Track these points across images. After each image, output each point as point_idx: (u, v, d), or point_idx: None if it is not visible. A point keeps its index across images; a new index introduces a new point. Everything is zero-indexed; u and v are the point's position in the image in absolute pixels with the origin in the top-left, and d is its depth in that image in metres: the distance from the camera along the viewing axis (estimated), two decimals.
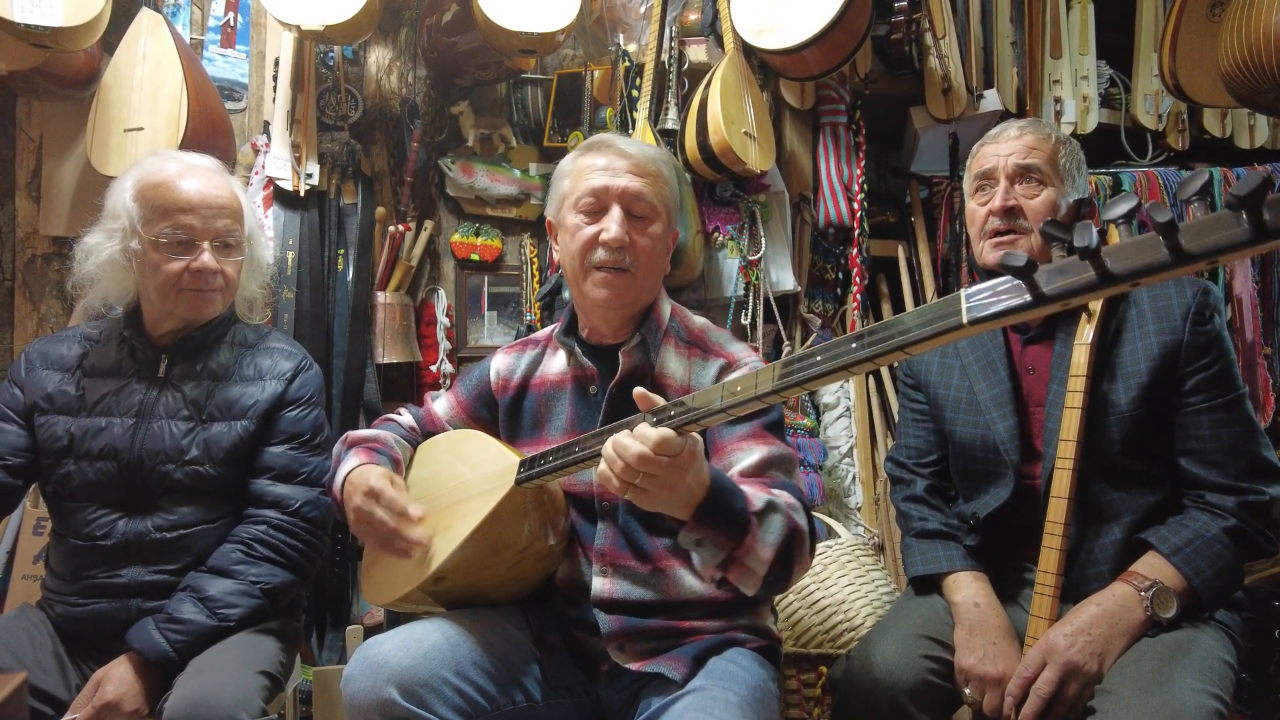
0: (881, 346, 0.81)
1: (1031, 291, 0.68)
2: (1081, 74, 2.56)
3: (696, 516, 1.04)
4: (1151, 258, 0.63)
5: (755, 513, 1.09)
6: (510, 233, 2.44)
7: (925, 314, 0.77)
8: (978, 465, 1.45)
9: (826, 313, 2.40)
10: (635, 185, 1.29)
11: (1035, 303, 0.68)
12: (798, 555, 1.14)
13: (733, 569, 1.08)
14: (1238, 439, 1.28)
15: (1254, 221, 0.59)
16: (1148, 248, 0.63)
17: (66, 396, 1.46)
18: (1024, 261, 0.67)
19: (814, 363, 0.87)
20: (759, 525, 1.08)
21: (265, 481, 1.49)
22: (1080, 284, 0.66)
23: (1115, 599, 1.23)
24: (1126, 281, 0.64)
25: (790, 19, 2.05)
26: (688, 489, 1.02)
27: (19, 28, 1.69)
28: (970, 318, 0.72)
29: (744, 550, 1.07)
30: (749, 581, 1.10)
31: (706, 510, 1.04)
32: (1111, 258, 0.64)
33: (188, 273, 1.43)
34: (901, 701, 1.27)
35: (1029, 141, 1.39)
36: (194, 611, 1.36)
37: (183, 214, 1.42)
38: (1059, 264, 0.67)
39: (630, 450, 0.98)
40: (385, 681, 1.07)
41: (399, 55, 2.39)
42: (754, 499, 1.10)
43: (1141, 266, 0.63)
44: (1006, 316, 0.71)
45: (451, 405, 1.49)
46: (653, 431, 0.98)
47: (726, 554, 1.07)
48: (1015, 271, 0.68)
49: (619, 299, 1.29)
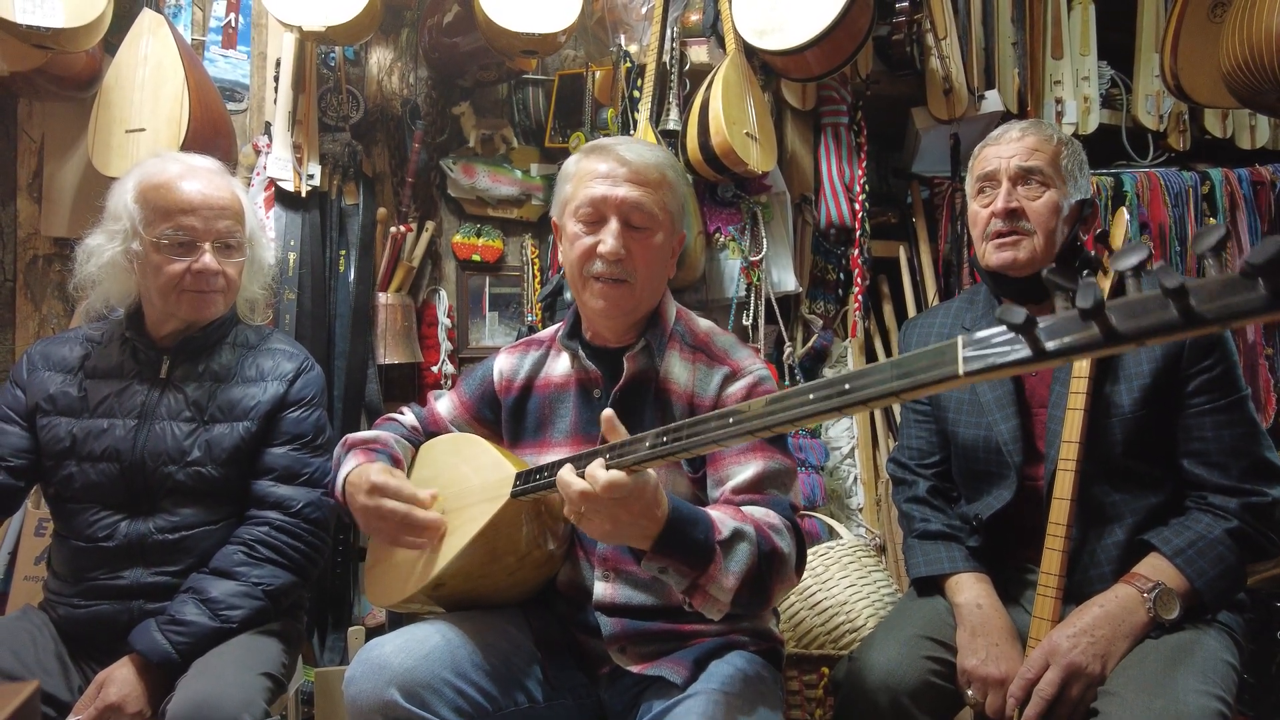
0: (868, 393, 0.77)
1: (1032, 347, 0.66)
2: (1083, 74, 2.56)
3: (655, 547, 1.03)
4: (1160, 319, 0.60)
5: (721, 541, 1.07)
6: (511, 233, 2.44)
7: (921, 360, 0.74)
8: (980, 466, 1.45)
9: (828, 313, 2.40)
10: (634, 195, 1.26)
11: (1035, 358, 0.66)
12: (775, 578, 1.12)
13: (696, 596, 1.07)
14: (1240, 440, 1.28)
15: (1271, 289, 0.57)
16: (1156, 308, 0.61)
17: (69, 398, 1.46)
18: (1023, 319, 0.65)
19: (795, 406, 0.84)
20: (723, 554, 1.07)
21: (267, 483, 1.48)
22: (1083, 342, 0.64)
23: (1118, 600, 1.23)
24: (1132, 341, 0.62)
25: (792, 20, 2.04)
26: (637, 524, 1.02)
27: (21, 29, 1.69)
28: (966, 369, 0.70)
29: (707, 579, 1.05)
30: (713, 607, 1.08)
31: (664, 541, 1.03)
32: (1118, 315, 0.62)
33: (189, 274, 1.43)
34: (904, 703, 1.27)
35: (1031, 143, 1.39)
36: (196, 613, 1.36)
37: (184, 215, 1.42)
38: (1062, 319, 0.65)
39: (572, 489, 1.01)
40: (387, 683, 1.07)
41: (400, 56, 2.39)
42: (721, 527, 1.08)
43: (1148, 327, 0.61)
44: (1004, 370, 0.69)
45: (455, 405, 1.48)
46: (601, 474, 0.99)
47: (689, 581, 1.06)
48: (1016, 328, 0.66)
49: (617, 309, 1.29)
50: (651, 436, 0.98)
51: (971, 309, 1.54)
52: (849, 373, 0.81)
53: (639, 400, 1.30)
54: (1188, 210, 2.47)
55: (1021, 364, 0.67)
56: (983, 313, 1.51)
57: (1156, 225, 2.45)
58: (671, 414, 1.28)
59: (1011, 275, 1.40)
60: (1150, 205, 2.46)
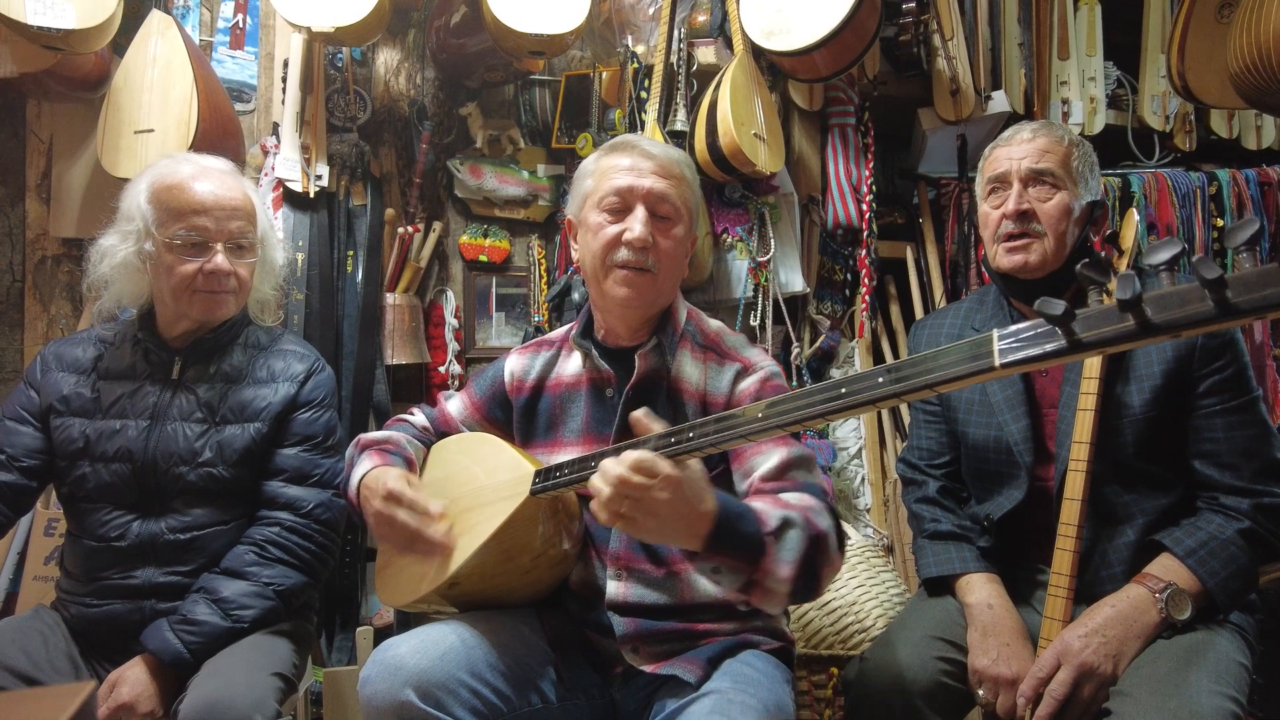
0: (907, 385, 0.79)
1: (1068, 338, 0.67)
2: (1089, 75, 2.56)
3: (707, 545, 1.02)
4: (1197, 310, 0.61)
5: (770, 533, 1.06)
6: (518, 234, 2.44)
7: (953, 353, 0.76)
8: (990, 467, 1.46)
9: (835, 314, 2.40)
10: (660, 186, 1.29)
11: (1071, 349, 0.67)
12: (824, 561, 1.11)
13: (754, 592, 1.06)
14: (1252, 441, 1.28)
15: None
16: (1193, 299, 0.61)
17: (82, 399, 1.47)
18: (1061, 310, 0.65)
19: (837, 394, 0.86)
20: (775, 545, 1.06)
21: (278, 484, 1.49)
22: (1120, 334, 0.64)
23: (1130, 601, 1.23)
24: (1167, 333, 0.63)
25: (799, 21, 2.05)
26: (684, 518, 1.00)
27: (31, 30, 1.70)
28: (1003, 361, 0.71)
29: (762, 573, 1.05)
30: (773, 601, 1.08)
31: (716, 539, 1.01)
32: (1154, 306, 0.63)
33: (201, 274, 1.43)
34: (915, 703, 1.27)
35: (1042, 145, 1.39)
36: (208, 613, 1.36)
37: (196, 216, 1.43)
38: (1099, 311, 0.66)
39: (610, 471, 0.98)
40: (402, 684, 1.07)
41: (407, 57, 2.39)
42: (768, 518, 1.07)
43: (1185, 318, 0.61)
44: (1040, 361, 0.70)
45: (465, 405, 1.49)
46: (632, 453, 0.97)
47: (745, 578, 1.05)
48: (1053, 319, 0.67)
49: (639, 298, 1.29)
50: (694, 428, 0.97)
51: (981, 310, 1.54)
52: (888, 364, 0.82)
53: (651, 399, 1.29)
54: (1195, 211, 2.47)
55: (1057, 355, 0.68)
56: (992, 314, 1.51)
57: (1164, 226, 2.45)
58: (683, 412, 1.29)
59: (1022, 278, 1.40)
60: (1158, 206, 2.46)
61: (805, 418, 0.89)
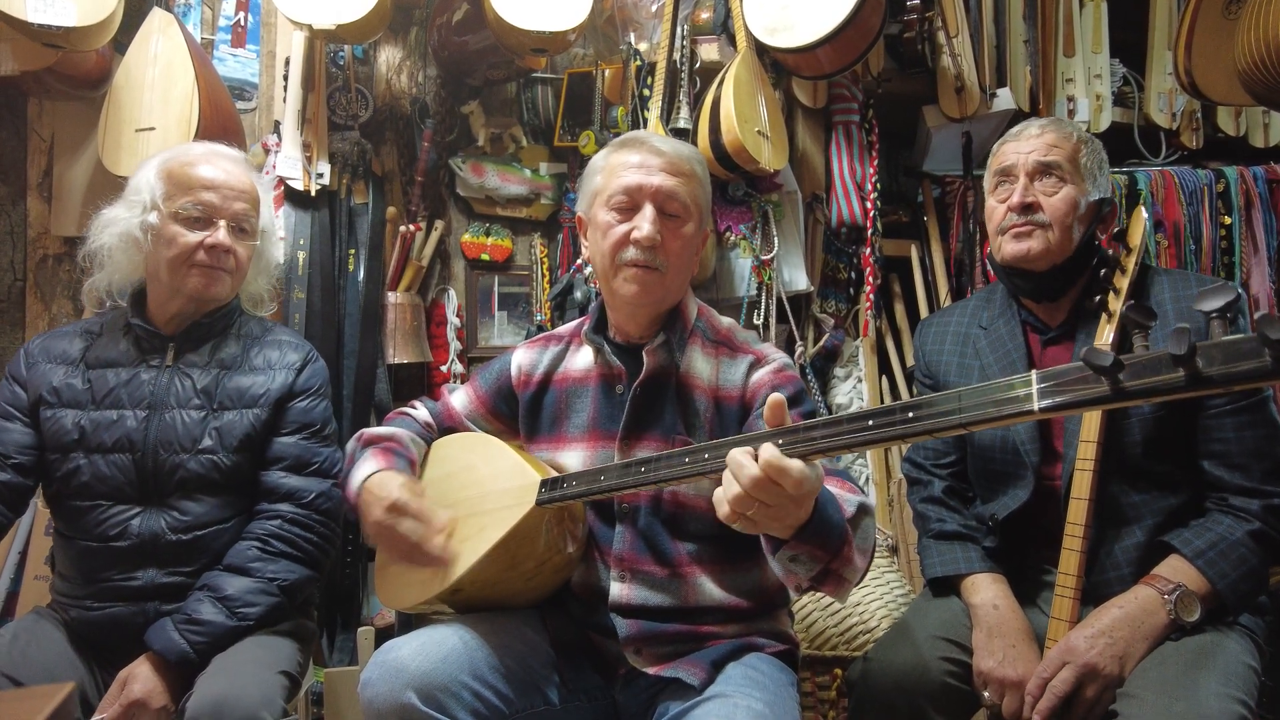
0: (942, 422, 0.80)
1: (1112, 387, 0.66)
2: (1095, 72, 2.54)
3: (799, 534, 0.95)
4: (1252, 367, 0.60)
5: (850, 519, 1.02)
6: (520, 233, 2.44)
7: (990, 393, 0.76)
8: (997, 466, 1.44)
9: (839, 313, 2.39)
10: (669, 184, 1.28)
11: (1114, 397, 0.67)
12: (874, 550, 1.11)
13: (828, 581, 1.01)
14: (1262, 442, 1.27)
15: None
16: (1250, 355, 0.60)
17: (73, 390, 1.45)
18: (1110, 362, 0.65)
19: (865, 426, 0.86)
20: (854, 533, 1.02)
21: (278, 474, 1.48)
22: (1167, 385, 0.64)
23: (1138, 602, 1.22)
24: (1219, 386, 0.62)
25: (803, 18, 2.03)
26: (798, 515, 0.94)
27: (32, 28, 1.69)
28: (1042, 405, 0.71)
29: (841, 561, 1.00)
30: (843, 590, 1.03)
31: (809, 527, 0.95)
32: (1206, 360, 0.61)
33: (202, 248, 1.45)
34: (920, 704, 1.26)
35: (1050, 139, 1.38)
36: (213, 612, 1.36)
37: (205, 191, 1.46)
38: (1148, 360, 0.65)
39: (748, 472, 0.89)
40: (404, 686, 1.06)
41: (409, 54, 2.38)
42: (846, 504, 1.03)
43: (1239, 374, 0.60)
44: (1080, 408, 0.70)
45: (470, 400, 1.48)
46: (788, 462, 0.88)
47: (822, 566, 0.99)
48: (1100, 370, 0.66)
49: (648, 296, 1.28)
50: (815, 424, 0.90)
51: (989, 307, 1.52)
52: (920, 399, 0.82)
53: (659, 395, 1.29)
54: (1202, 209, 2.45)
55: (1099, 402, 0.67)
56: (1000, 311, 1.49)
57: (1171, 224, 2.43)
58: (694, 408, 1.28)
59: (1026, 268, 1.38)
60: (1165, 204, 2.45)
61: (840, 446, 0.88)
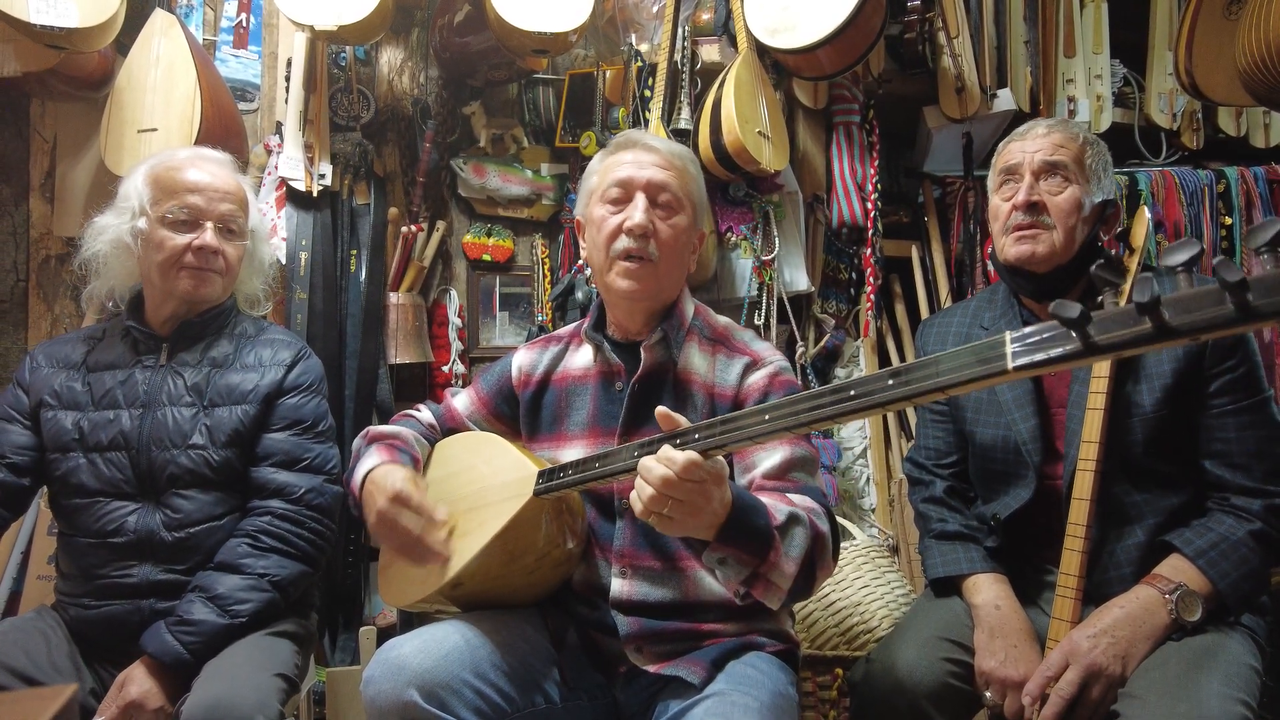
0: (917, 387, 0.79)
1: (1083, 341, 0.65)
2: (1095, 73, 2.54)
3: (720, 536, 1.03)
4: (1216, 313, 0.59)
5: (778, 527, 1.08)
6: (522, 233, 2.44)
7: (965, 355, 0.76)
8: (998, 466, 1.44)
9: (840, 313, 2.39)
10: (661, 176, 1.31)
11: (1085, 353, 0.66)
12: (820, 563, 1.14)
13: (757, 585, 1.08)
14: (1264, 442, 1.27)
15: None
16: (1212, 302, 0.60)
17: (73, 392, 1.48)
18: (1077, 313, 0.64)
19: (846, 397, 0.86)
20: (782, 540, 1.08)
21: (268, 469, 1.49)
22: (1135, 336, 0.63)
23: (1139, 601, 1.22)
24: (1186, 336, 0.62)
25: (804, 19, 2.04)
26: (712, 512, 1.01)
27: (35, 29, 1.70)
28: (1015, 364, 0.70)
29: (768, 566, 1.06)
30: (774, 596, 1.09)
31: (729, 529, 1.03)
32: (1172, 309, 0.61)
33: (190, 250, 1.47)
34: (922, 705, 1.26)
35: (1056, 139, 1.38)
36: (205, 612, 1.36)
37: (190, 194, 1.49)
38: (1114, 313, 0.65)
39: (654, 473, 0.97)
40: (406, 684, 1.06)
41: (411, 55, 2.38)
42: (776, 512, 1.09)
43: (1203, 321, 0.60)
44: (1053, 365, 0.69)
45: (472, 401, 1.49)
46: (679, 455, 0.97)
47: (750, 570, 1.06)
48: (1069, 322, 0.65)
49: (642, 289, 1.29)
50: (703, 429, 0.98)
51: (990, 308, 1.52)
52: (898, 366, 0.82)
53: (657, 391, 1.30)
54: (1203, 209, 2.45)
55: (1071, 358, 0.66)
56: (1001, 312, 1.49)
57: (1172, 224, 2.43)
58: (691, 404, 1.29)
59: (1029, 270, 1.39)
60: (1165, 204, 2.45)
61: (814, 420, 0.89)
